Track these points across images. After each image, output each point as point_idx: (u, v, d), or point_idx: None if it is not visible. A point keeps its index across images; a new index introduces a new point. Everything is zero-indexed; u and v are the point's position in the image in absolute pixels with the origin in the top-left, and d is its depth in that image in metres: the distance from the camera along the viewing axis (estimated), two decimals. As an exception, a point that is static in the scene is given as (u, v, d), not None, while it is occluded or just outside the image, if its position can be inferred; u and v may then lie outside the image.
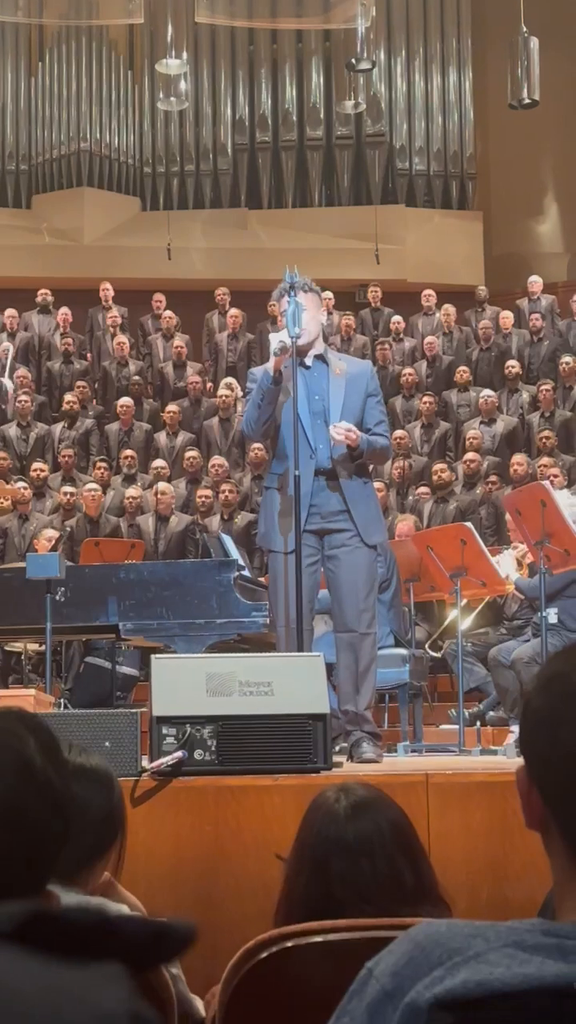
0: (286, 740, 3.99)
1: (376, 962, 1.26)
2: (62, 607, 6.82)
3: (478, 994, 1.16)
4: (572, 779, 1.24)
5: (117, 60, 17.13)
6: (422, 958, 1.22)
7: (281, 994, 1.75)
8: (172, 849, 3.71)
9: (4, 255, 16.03)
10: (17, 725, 1.31)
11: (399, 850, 2.22)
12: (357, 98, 16.76)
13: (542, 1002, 1.15)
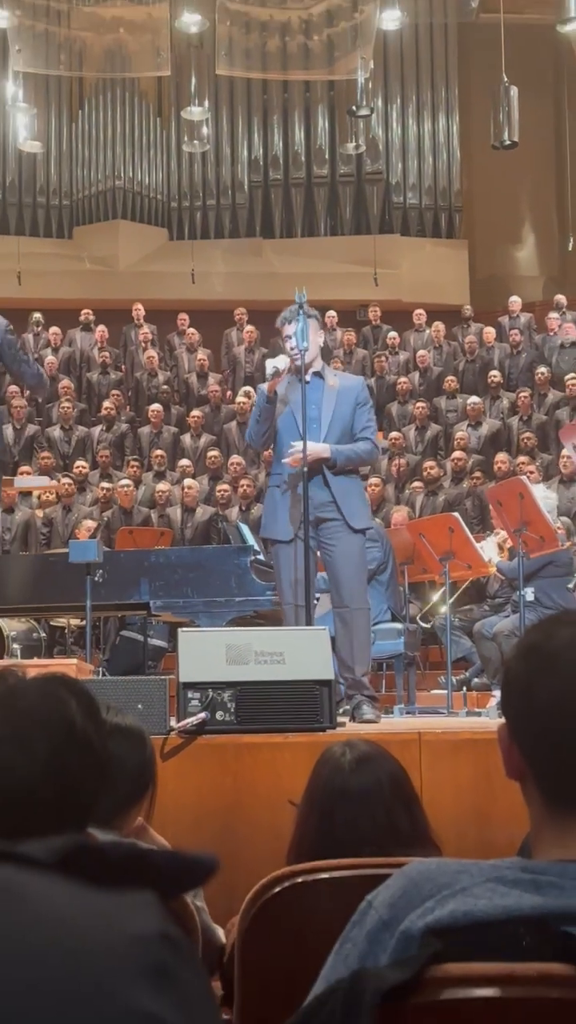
0: (296, 703, 4.00)
1: (375, 895, 1.27)
2: (100, 587, 6.84)
3: (464, 923, 1.16)
4: (546, 735, 1.24)
5: (147, 108, 17.13)
6: (415, 892, 1.22)
7: (292, 924, 1.76)
8: (196, 798, 3.73)
9: (49, 280, 16.07)
10: (61, 689, 1.31)
11: (396, 799, 2.22)
12: (358, 140, 16.74)
13: (519, 930, 1.15)
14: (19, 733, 1.24)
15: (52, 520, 11.44)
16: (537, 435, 12.76)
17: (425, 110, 17.40)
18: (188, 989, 0.36)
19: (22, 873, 0.37)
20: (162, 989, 0.36)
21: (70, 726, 1.27)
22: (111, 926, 0.36)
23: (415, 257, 16.96)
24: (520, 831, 1.36)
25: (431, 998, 1.11)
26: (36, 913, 0.36)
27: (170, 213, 17.10)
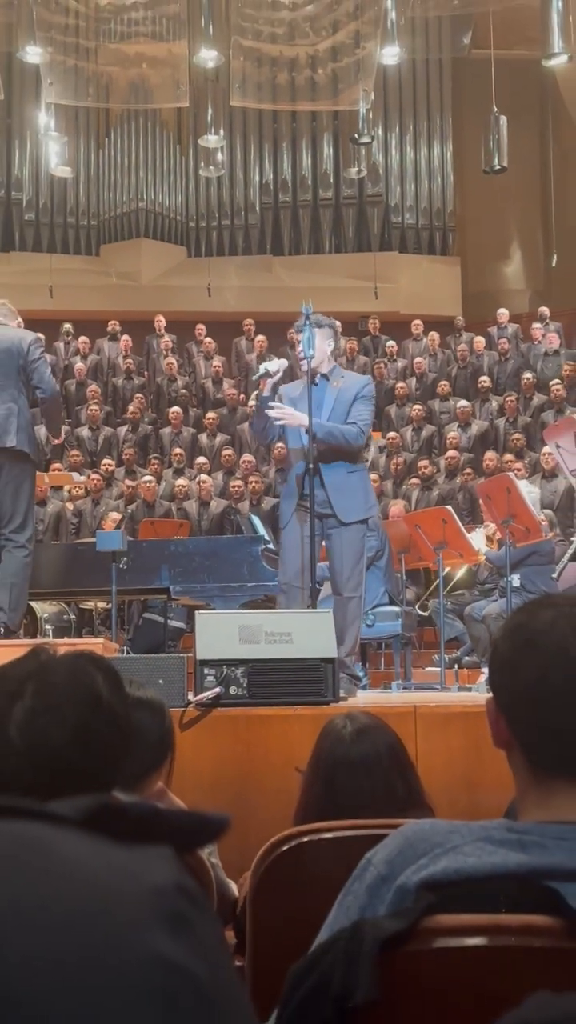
0: (302, 678, 4.01)
1: (374, 853, 1.27)
2: (124, 573, 6.85)
3: (455, 878, 1.17)
4: (530, 707, 1.24)
5: (168, 136, 17.14)
6: (411, 850, 1.23)
7: (298, 879, 1.76)
8: (212, 765, 3.73)
9: (79, 293, 16.09)
10: (89, 665, 1.32)
11: (393, 766, 2.23)
12: (360, 165, 16.73)
13: (505, 885, 1.16)
14: (51, 705, 1.24)
15: (81, 512, 11.49)
16: (523, 435, 12.77)
17: (421, 138, 17.39)
18: (202, 935, 0.37)
19: (51, 829, 0.37)
20: (177, 935, 0.36)
21: (97, 699, 1.27)
22: (131, 877, 0.36)
23: (412, 272, 16.96)
24: (507, 795, 1.36)
25: (425, 946, 1.12)
26: (64, 864, 0.36)
27: (188, 232, 17.12)
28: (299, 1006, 1.13)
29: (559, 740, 1.23)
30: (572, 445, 6.29)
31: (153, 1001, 0.34)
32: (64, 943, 0.34)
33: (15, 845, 0.36)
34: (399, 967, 1.10)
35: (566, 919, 1.11)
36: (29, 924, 0.34)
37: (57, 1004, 0.33)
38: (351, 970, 1.09)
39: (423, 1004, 1.11)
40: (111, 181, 16.98)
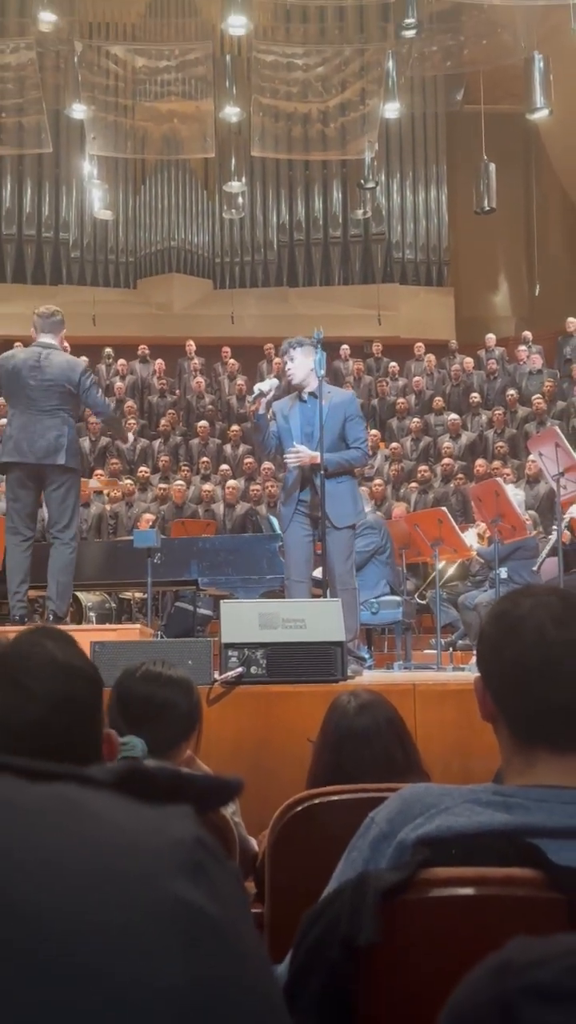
0: (314, 659, 4.00)
1: (376, 813, 1.27)
2: (158, 567, 6.87)
3: (447, 835, 1.17)
4: (512, 685, 1.24)
5: (196, 183, 17.16)
6: (409, 810, 1.23)
7: (310, 835, 1.76)
8: (235, 736, 3.74)
9: (118, 321, 16.13)
10: (36, 637, 1.26)
11: (393, 737, 2.22)
12: (365, 208, 16.74)
13: (492, 841, 1.16)
14: (14, 681, 1.19)
15: (117, 514, 11.51)
16: (509, 444, 12.76)
17: (419, 183, 17.38)
18: (218, 883, 0.37)
19: (87, 790, 0.38)
20: (197, 882, 0.36)
21: (52, 660, 1.22)
22: (156, 832, 0.37)
23: (411, 302, 16.94)
24: (494, 763, 1.36)
25: (421, 896, 1.12)
26: (97, 821, 0.36)
27: (214, 267, 17.15)
28: (311, 948, 1.13)
29: (539, 713, 1.23)
30: (553, 453, 6.27)
31: (175, 937, 0.34)
32: (97, 889, 0.34)
33: (55, 804, 0.36)
34: (398, 914, 1.11)
35: (546, 872, 1.11)
36: (66, 872, 0.34)
37: (90, 940, 0.33)
38: (356, 916, 1.09)
39: (419, 946, 1.11)
40: (146, 223, 17.02)
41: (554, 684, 1.21)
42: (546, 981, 0.46)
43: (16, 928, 0.33)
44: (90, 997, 0.32)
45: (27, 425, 5.47)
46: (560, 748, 1.22)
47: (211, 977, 0.34)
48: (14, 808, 0.35)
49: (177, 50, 15.49)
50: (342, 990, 1.10)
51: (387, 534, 7.82)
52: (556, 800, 1.18)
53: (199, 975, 0.34)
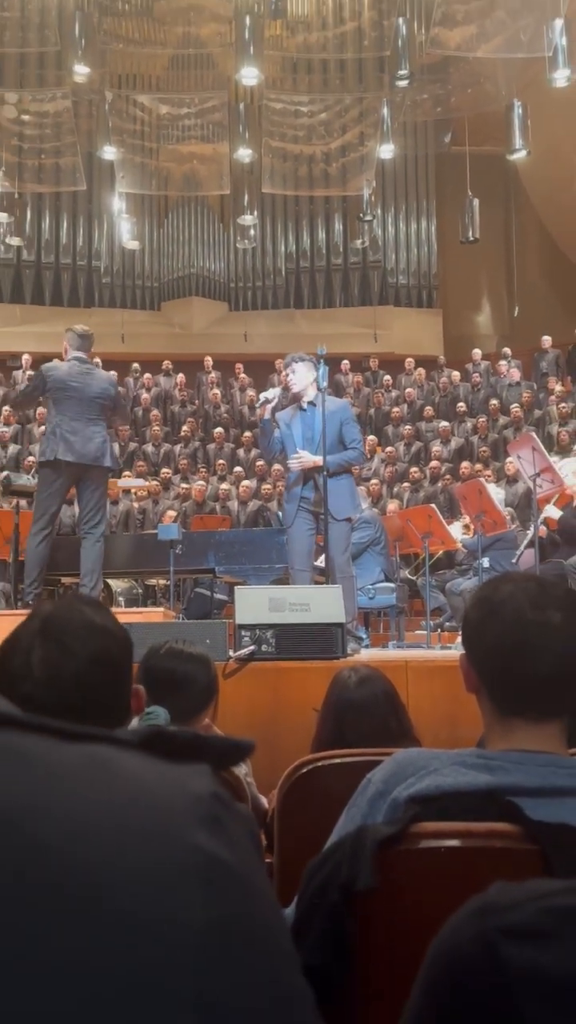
0: (318, 639, 4.00)
1: (373, 774, 1.27)
2: (180, 557, 6.86)
3: (435, 793, 1.17)
4: (494, 661, 1.24)
5: (213, 216, 17.15)
6: (401, 772, 1.23)
7: (315, 794, 1.77)
8: (248, 706, 3.74)
9: (144, 340, 16.14)
10: (75, 603, 1.28)
11: (388, 708, 2.22)
12: (363, 238, 16.70)
13: (474, 799, 1.16)
14: (57, 641, 1.20)
15: (145, 510, 11.52)
16: (491, 448, 12.74)
17: (411, 216, 17.33)
18: (233, 833, 0.37)
19: (115, 750, 0.38)
20: (214, 833, 0.36)
21: (89, 624, 1.23)
22: (177, 787, 0.37)
23: (404, 321, 16.91)
24: (478, 730, 1.36)
25: (412, 846, 1.12)
26: (124, 776, 0.36)
27: (229, 291, 17.13)
28: (315, 892, 1.14)
29: (517, 687, 1.23)
30: (530, 456, 6.25)
31: (194, 880, 0.34)
32: (124, 837, 0.34)
33: (86, 761, 0.36)
34: (392, 863, 1.11)
35: (522, 826, 1.11)
36: (96, 822, 0.34)
37: (118, 882, 0.33)
38: (355, 864, 1.10)
39: (410, 891, 1.11)
40: (169, 252, 17.02)
41: (531, 660, 1.21)
42: (522, 920, 0.46)
43: (51, 872, 0.33)
44: (117, 931, 0.32)
45: (77, 430, 5.49)
46: (536, 717, 1.22)
47: (225, 914, 0.34)
48: (48, 764, 0.36)
49: (196, 99, 15.47)
50: (342, 930, 1.11)
51: (382, 528, 7.81)
52: (532, 763, 1.18)
53: (214, 912, 0.34)
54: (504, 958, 0.46)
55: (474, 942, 0.48)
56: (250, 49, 11.45)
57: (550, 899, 0.47)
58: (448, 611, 8.72)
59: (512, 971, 0.46)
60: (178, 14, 15.13)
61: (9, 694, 1.17)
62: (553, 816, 1.12)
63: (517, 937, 0.46)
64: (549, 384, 13.93)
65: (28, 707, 1.14)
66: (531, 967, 0.45)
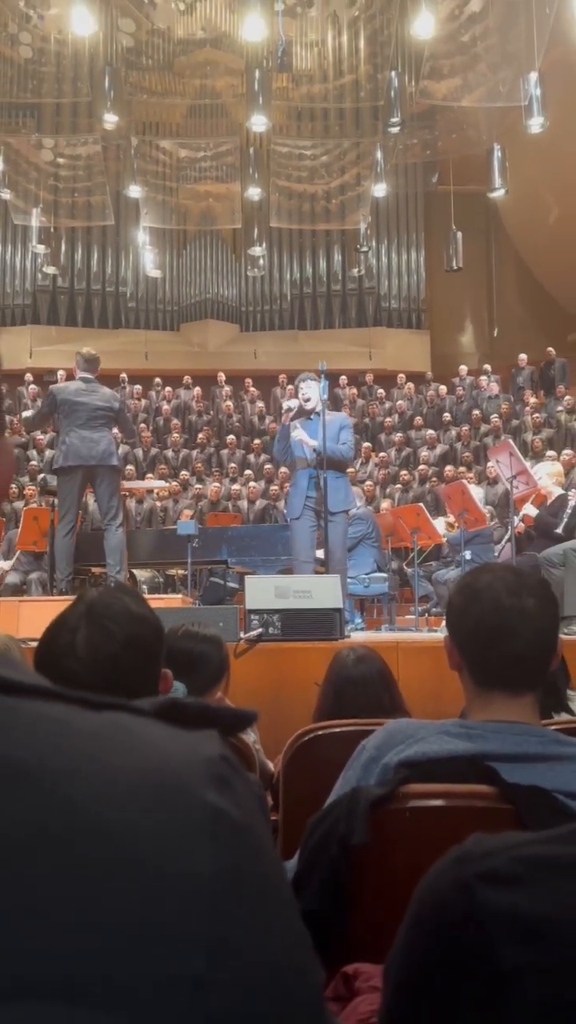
0: (319, 622, 4.00)
1: (367, 741, 1.27)
2: (196, 550, 6.88)
3: (422, 759, 1.16)
4: (474, 641, 1.24)
5: (226, 248, 17.12)
6: (392, 739, 1.23)
7: (316, 759, 1.76)
8: (256, 683, 3.73)
9: (165, 358, 16.13)
10: (117, 593, 1.29)
11: (382, 684, 2.22)
12: (360, 267, 16.68)
13: (457, 764, 1.15)
14: (100, 624, 1.22)
15: (166, 508, 11.52)
16: (473, 454, 12.70)
17: (402, 247, 17.28)
18: (239, 792, 0.37)
19: (134, 717, 0.38)
20: (221, 791, 0.36)
21: (128, 611, 1.24)
22: (190, 749, 0.37)
23: (395, 341, 16.88)
24: (460, 703, 1.36)
25: (401, 806, 1.12)
26: (142, 740, 0.37)
27: (241, 314, 17.10)
28: (314, 847, 1.13)
29: (495, 664, 1.22)
30: (507, 460, 6.24)
31: (203, 834, 0.34)
32: (140, 795, 0.34)
33: (107, 727, 0.36)
34: (383, 820, 1.11)
35: (499, 788, 1.11)
36: (116, 781, 0.35)
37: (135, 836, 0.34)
38: (350, 822, 1.10)
39: (399, 846, 1.11)
40: (187, 279, 16.99)
41: (508, 640, 1.21)
42: (496, 867, 0.47)
43: (75, 826, 0.33)
44: (134, 879, 0.32)
45: (84, 437, 5.64)
46: (512, 691, 1.22)
47: (231, 865, 0.34)
48: (73, 728, 0.36)
49: (211, 143, 15.46)
50: (339, 879, 1.10)
51: (375, 524, 7.80)
52: (508, 732, 1.18)
53: (221, 864, 0.34)
54: (480, 901, 0.46)
55: (453, 887, 0.48)
56: (259, 99, 11.43)
57: (522, 848, 0.47)
58: (434, 598, 8.70)
59: (487, 912, 0.46)
60: (195, 68, 15.12)
61: (54, 668, 1.19)
62: (526, 779, 1.12)
63: (492, 882, 0.46)
64: (525, 397, 13.89)
65: (70, 682, 1.16)
66: (504, 909, 0.45)
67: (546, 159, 13.75)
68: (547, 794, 1.10)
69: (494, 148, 12.35)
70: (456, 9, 12.54)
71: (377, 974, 1.04)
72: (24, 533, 7.88)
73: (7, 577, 8.30)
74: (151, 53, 14.79)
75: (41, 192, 15.05)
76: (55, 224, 15.58)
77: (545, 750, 1.15)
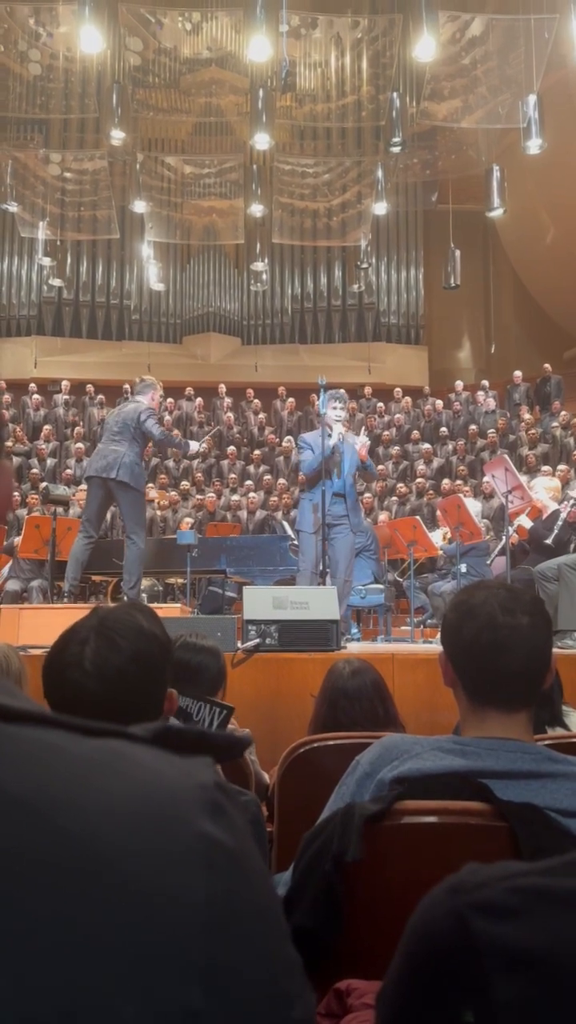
0: (316, 633, 3.98)
1: (362, 756, 1.26)
2: (195, 560, 6.87)
3: (417, 775, 1.16)
4: (469, 659, 1.23)
5: (228, 262, 17.18)
6: (387, 754, 1.22)
7: (310, 772, 1.75)
8: (254, 692, 3.72)
9: (168, 369, 16.10)
10: (131, 610, 1.29)
11: (376, 696, 2.20)
12: (360, 283, 16.73)
13: (451, 780, 1.14)
14: (109, 638, 1.22)
15: (166, 518, 11.51)
16: (469, 468, 12.71)
17: (402, 264, 17.35)
18: (233, 820, 0.36)
19: (129, 744, 0.37)
20: (217, 819, 0.35)
21: (140, 629, 1.24)
22: (184, 777, 0.36)
23: (394, 356, 16.92)
24: (454, 716, 1.35)
25: (395, 822, 1.11)
26: (137, 767, 0.36)
27: (242, 328, 17.15)
28: (309, 862, 1.12)
29: (489, 681, 1.22)
30: (503, 475, 6.24)
31: (197, 862, 0.34)
32: (135, 822, 0.34)
33: (103, 754, 0.36)
34: (377, 836, 1.10)
35: (493, 805, 1.10)
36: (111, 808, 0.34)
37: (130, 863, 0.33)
38: (345, 838, 1.09)
39: (393, 862, 1.10)
40: (190, 293, 17.05)
41: (502, 658, 1.20)
42: (491, 898, 0.46)
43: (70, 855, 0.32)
44: (130, 908, 0.32)
45: (99, 450, 5.74)
46: (505, 708, 1.21)
47: (225, 892, 0.34)
48: (69, 755, 0.35)
49: (216, 160, 15.54)
50: (333, 895, 1.09)
51: (374, 536, 7.81)
52: (502, 749, 1.17)
53: (215, 891, 0.34)
54: (474, 932, 0.45)
55: (447, 917, 0.47)
56: (263, 118, 11.49)
57: (518, 879, 0.46)
58: (430, 610, 8.70)
59: (482, 944, 0.45)
60: (201, 87, 15.21)
61: (59, 679, 1.18)
62: (520, 796, 1.11)
63: (486, 913, 0.46)
64: (521, 412, 13.91)
65: (76, 693, 1.16)
66: (499, 940, 0.45)
67: (543, 180, 13.83)
68: (540, 812, 1.09)
69: (493, 168, 12.42)
70: (457, 32, 12.63)
71: (370, 991, 1.03)
72: (26, 541, 7.86)
73: (8, 584, 8.28)
74: (158, 71, 14.88)
75: (48, 206, 15.11)
76: (61, 237, 15.63)
77: (538, 768, 1.14)
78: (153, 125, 15.73)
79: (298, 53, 14.20)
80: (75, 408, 14.48)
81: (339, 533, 5.28)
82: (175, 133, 16.07)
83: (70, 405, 14.46)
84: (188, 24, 14.63)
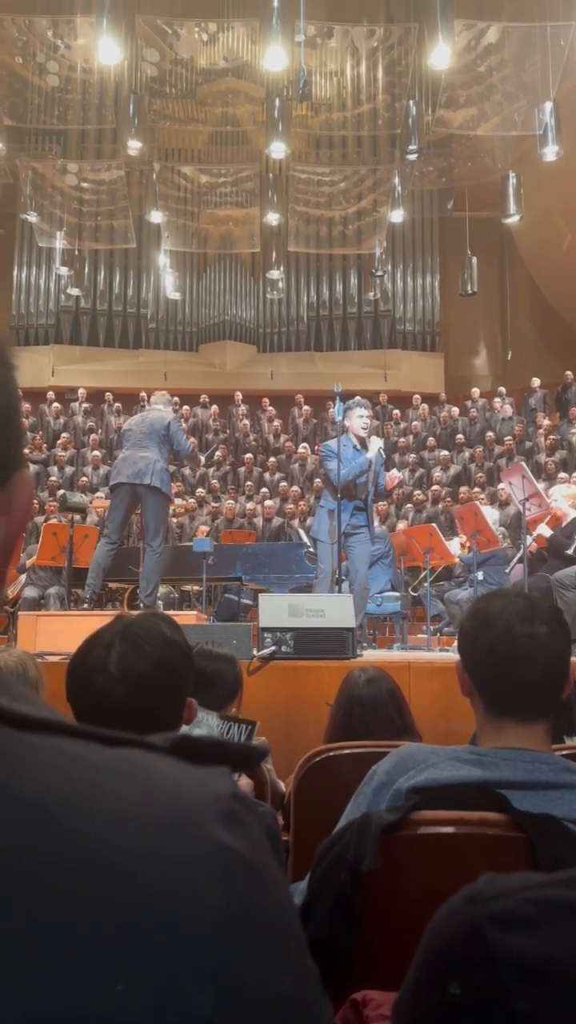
0: (331, 641, 3.98)
1: (378, 765, 1.26)
2: (211, 567, 6.88)
3: (434, 785, 1.15)
4: (486, 668, 1.23)
5: (245, 271, 17.23)
6: (404, 764, 1.21)
7: (326, 781, 1.75)
8: (269, 700, 3.72)
9: (184, 377, 16.22)
10: (154, 618, 1.31)
11: (392, 705, 2.20)
12: (376, 291, 16.73)
13: (468, 791, 1.14)
14: (135, 647, 1.23)
15: (182, 525, 11.54)
16: (486, 475, 12.66)
17: (418, 272, 17.34)
18: (249, 830, 0.36)
19: (148, 754, 0.38)
20: (232, 829, 0.36)
21: (163, 637, 1.26)
22: (201, 787, 0.36)
23: (410, 363, 16.90)
24: (471, 725, 1.34)
25: (412, 832, 1.11)
26: (155, 777, 0.36)
27: (258, 336, 17.19)
28: (325, 871, 1.12)
29: (506, 691, 1.21)
30: (520, 483, 6.22)
31: (214, 871, 0.34)
32: (154, 831, 0.34)
33: (123, 763, 0.36)
34: (394, 846, 1.09)
35: (510, 816, 1.10)
36: (131, 817, 0.34)
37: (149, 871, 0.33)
38: (361, 847, 1.08)
39: (410, 872, 1.10)
40: (206, 301, 17.12)
41: (520, 668, 1.20)
42: (508, 909, 0.46)
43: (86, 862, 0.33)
44: (145, 915, 0.32)
45: (127, 457, 5.74)
46: (523, 718, 1.21)
47: (241, 900, 0.34)
48: (87, 764, 0.36)
49: (232, 170, 15.62)
50: (349, 905, 1.09)
51: (390, 544, 7.79)
52: (519, 759, 1.16)
53: (231, 899, 0.34)
54: (491, 942, 0.45)
55: (464, 927, 0.47)
56: (279, 127, 11.55)
57: (535, 890, 0.46)
58: (446, 618, 8.66)
59: (498, 954, 0.45)
60: (217, 97, 15.31)
61: (84, 683, 1.20)
62: (537, 807, 1.10)
63: (504, 924, 0.46)
64: (538, 419, 13.85)
65: (100, 698, 1.18)
66: (516, 951, 0.45)
67: (560, 186, 13.79)
68: (558, 822, 1.08)
69: (509, 175, 12.41)
70: (473, 40, 12.65)
71: (386, 1002, 1.02)
72: (43, 548, 7.91)
73: (25, 591, 8.33)
74: (174, 82, 15.00)
75: (65, 215, 15.24)
76: (79, 247, 15.76)
77: (556, 778, 1.14)
78: (170, 135, 15.84)
79: (314, 62, 14.26)
80: (93, 416, 14.57)
81: (358, 541, 5.27)
82: (191, 143, 16.17)
83: (88, 413, 14.55)
84: (204, 35, 14.74)
